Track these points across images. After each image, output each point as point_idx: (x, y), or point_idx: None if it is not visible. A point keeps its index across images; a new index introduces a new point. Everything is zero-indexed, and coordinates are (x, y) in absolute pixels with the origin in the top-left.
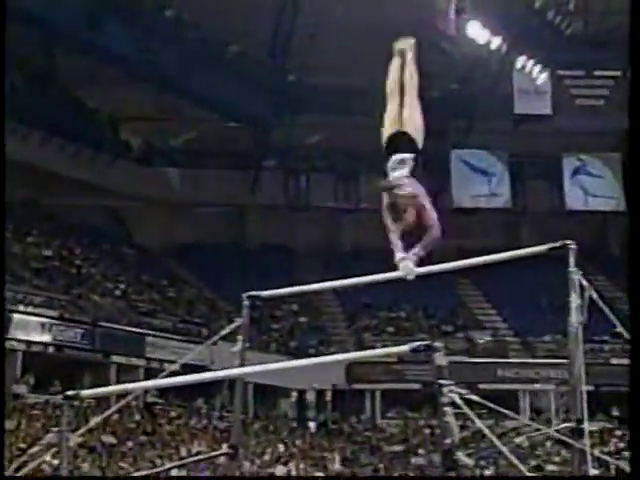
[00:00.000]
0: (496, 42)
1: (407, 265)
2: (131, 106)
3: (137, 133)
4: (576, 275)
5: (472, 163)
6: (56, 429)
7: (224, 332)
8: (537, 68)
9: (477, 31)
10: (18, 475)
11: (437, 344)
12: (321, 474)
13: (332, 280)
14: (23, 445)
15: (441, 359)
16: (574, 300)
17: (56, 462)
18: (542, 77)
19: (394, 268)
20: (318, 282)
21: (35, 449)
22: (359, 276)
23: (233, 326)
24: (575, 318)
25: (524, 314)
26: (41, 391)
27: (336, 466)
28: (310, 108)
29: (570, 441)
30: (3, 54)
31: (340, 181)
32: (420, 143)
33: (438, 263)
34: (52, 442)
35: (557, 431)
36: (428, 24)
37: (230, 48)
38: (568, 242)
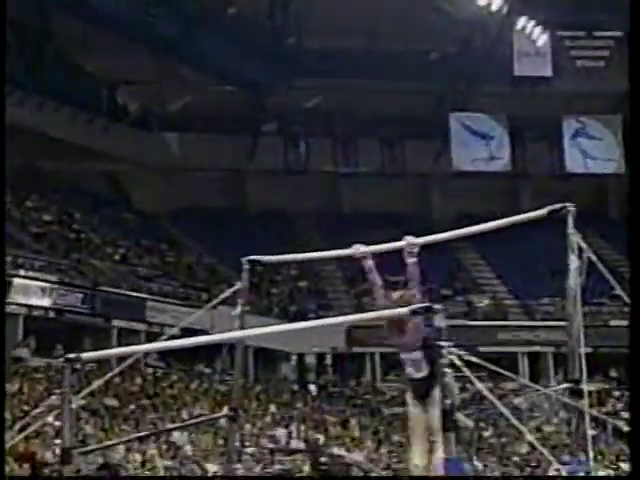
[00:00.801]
0: (496, 3)
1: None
2: (128, 70)
3: (134, 97)
4: (575, 237)
5: (471, 126)
6: (58, 391)
7: (223, 296)
8: (537, 29)
9: None
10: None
11: (436, 306)
12: (321, 436)
13: (332, 244)
14: (26, 407)
15: (441, 321)
16: (573, 262)
17: (58, 424)
18: (542, 38)
19: (389, 231)
20: (318, 247)
21: (38, 411)
22: (359, 240)
23: (233, 290)
24: (573, 280)
25: (523, 277)
26: (43, 355)
27: (336, 428)
28: (309, 71)
29: (569, 401)
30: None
31: (339, 145)
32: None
33: (438, 227)
34: (54, 404)
35: (556, 392)
36: None
37: (228, 11)
38: (567, 205)
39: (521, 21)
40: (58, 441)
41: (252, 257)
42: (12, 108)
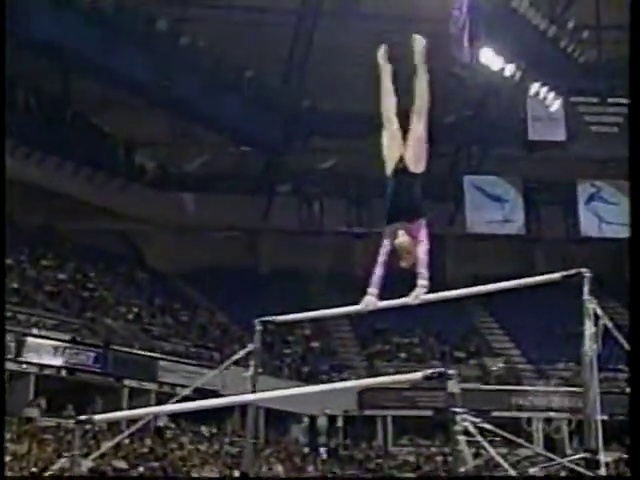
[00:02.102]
0: (510, 69)
1: (370, 299)
2: (145, 131)
3: (151, 157)
4: (591, 304)
5: (486, 189)
6: (68, 454)
7: (236, 357)
8: (551, 95)
9: (491, 58)
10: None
11: (450, 371)
12: None
13: (345, 304)
14: (35, 469)
15: (454, 386)
16: (588, 328)
17: None
18: (556, 104)
19: (406, 293)
20: (331, 306)
21: (47, 474)
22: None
23: (245, 351)
24: (589, 346)
25: (538, 341)
26: (53, 415)
27: None
28: (323, 133)
29: (585, 472)
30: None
31: (353, 206)
32: (420, 169)
33: (452, 289)
34: (64, 467)
35: (572, 462)
36: (442, 51)
37: (244, 73)
38: (583, 270)
39: (534, 86)
40: None
41: (264, 317)
42: (31, 168)
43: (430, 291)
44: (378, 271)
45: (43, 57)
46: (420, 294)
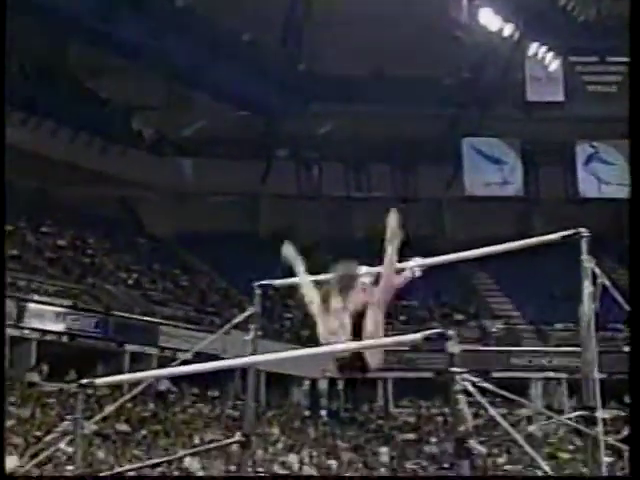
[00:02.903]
0: (508, 29)
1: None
2: (143, 96)
3: (149, 123)
4: (589, 263)
5: (484, 151)
6: (71, 417)
7: (236, 321)
8: (549, 55)
9: (489, 18)
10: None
11: (450, 332)
12: (334, 462)
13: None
14: (38, 433)
15: (454, 347)
16: (587, 288)
17: (71, 450)
18: (554, 64)
19: (407, 257)
20: (330, 271)
21: (50, 437)
22: (372, 264)
23: (245, 315)
24: (587, 306)
25: (537, 302)
26: (55, 380)
27: (348, 455)
28: (321, 97)
29: (583, 429)
30: (3, 52)
31: (351, 170)
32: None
33: (450, 252)
34: (67, 430)
35: (570, 419)
36: (441, 12)
37: (242, 37)
38: (581, 230)
39: (533, 47)
40: (70, 467)
41: (263, 281)
42: (27, 134)
43: (429, 254)
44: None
45: (38, 21)
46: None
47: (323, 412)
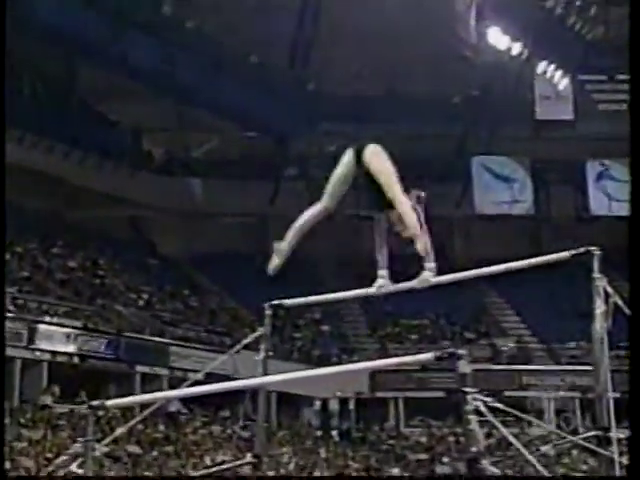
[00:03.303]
0: (517, 48)
1: (382, 282)
2: (152, 117)
3: (158, 144)
4: (601, 281)
5: (494, 170)
6: (82, 439)
7: (246, 341)
8: (558, 73)
9: (498, 37)
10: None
11: (461, 351)
12: None
13: (354, 288)
14: (49, 455)
15: (465, 366)
16: (599, 306)
17: (82, 472)
18: (563, 82)
19: (414, 276)
20: (339, 290)
21: (61, 459)
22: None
23: (255, 335)
24: (600, 324)
25: (548, 320)
26: (67, 401)
27: (360, 474)
28: (329, 117)
29: (597, 449)
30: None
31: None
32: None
33: (461, 270)
34: (78, 452)
35: (584, 439)
36: (449, 31)
37: (250, 58)
38: (592, 248)
39: (542, 65)
40: None
41: (274, 301)
42: (39, 156)
43: (440, 273)
44: (383, 252)
45: (48, 44)
46: (428, 277)
47: (334, 432)
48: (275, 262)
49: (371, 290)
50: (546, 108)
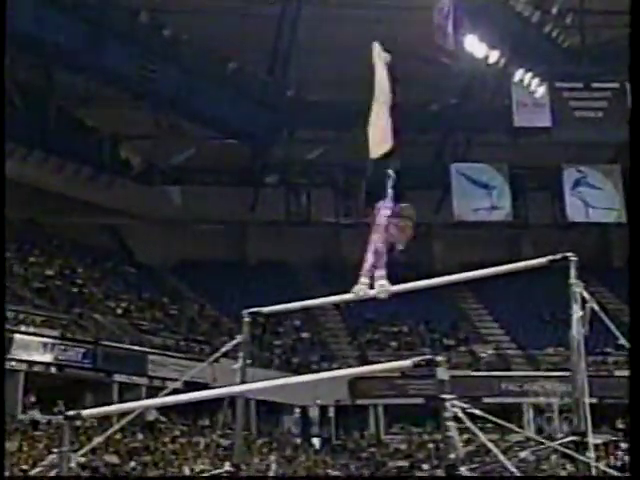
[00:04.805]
0: (494, 56)
1: (361, 287)
2: (130, 125)
3: (137, 152)
4: (577, 287)
5: (472, 176)
6: (58, 450)
7: (225, 349)
8: (535, 81)
9: (475, 45)
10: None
11: (439, 358)
12: None
13: (334, 295)
14: (25, 467)
15: (443, 373)
16: (576, 312)
17: None
18: (540, 90)
19: (392, 281)
20: (319, 297)
21: (36, 470)
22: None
23: (234, 343)
24: (577, 330)
25: (527, 327)
26: (43, 411)
27: None
28: (309, 123)
29: (575, 455)
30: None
31: (340, 196)
32: (374, 155)
33: (439, 276)
34: (54, 463)
35: (562, 445)
36: (426, 40)
37: (228, 65)
38: (569, 254)
39: (519, 73)
40: None
41: (252, 309)
42: (15, 164)
43: (418, 279)
44: (368, 257)
45: (26, 51)
46: (380, 288)
47: (315, 440)
48: None
49: (348, 296)
50: (523, 115)
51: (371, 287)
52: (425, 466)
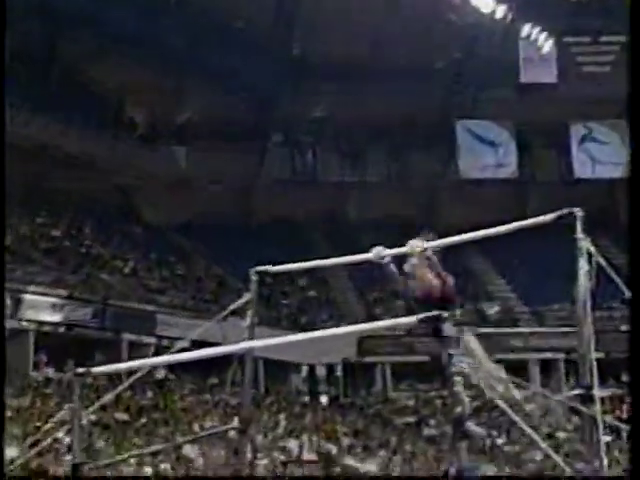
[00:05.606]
0: (501, 10)
1: (379, 248)
2: (135, 84)
3: (141, 111)
4: (584, 242)
5: (478, 134)
6: (68, 406)
7: (232, 307)
8: (542, 36)
9: (481, 0)
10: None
11: (444, 314)
12: (333, 447)
13: (339, 253)
14: (38, 423)
15: (450, 329)
16: (582, 266)
17: (69, 439)
18: (547, 45)
19: (399, 240)
20: (326, 256)
21: (48, 426)
22: (364, 249)
23: (241, 301)
24: (583, 285)
25: (533, 283)
26: (54, 370)
27: (348, 439)
28: (315, 79)
29: (581, 407)
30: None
31: (346, 154)
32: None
33: (446, 235)
34: (64, 419)
35: (567, 398)
36: None
37: (235, 22)
38: (575, 209)
39: (526, 28)
40: (69, 457)
41: (260, 267)
42: (20, 125)
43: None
44: None
45: (29, 10)
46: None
47: (322, 397)
48: None
49: (369, 255)
50: (530, 71)
51: None
52: (432, 422)
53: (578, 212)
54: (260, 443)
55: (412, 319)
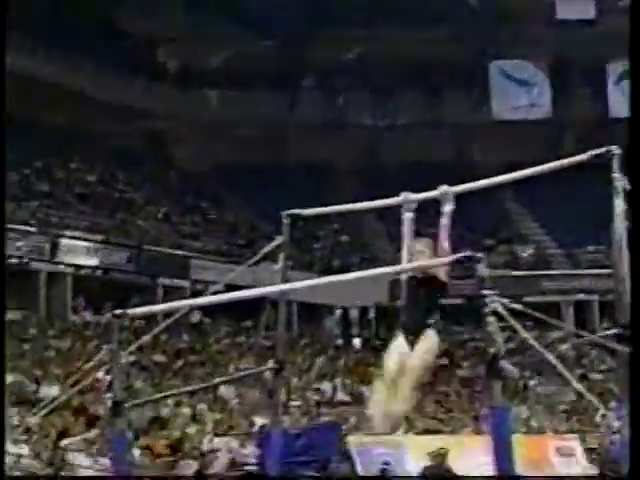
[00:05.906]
0: None
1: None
2: (167, 28)
3: (174, 55)
4: (620, 181)
5: (512, 74)
6: (107, 347)
7: (265, 250)
8: None
9: None
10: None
11: (479, 255)
12: (366, 389)
13: (372, 196)
14: (78, 364)
15: (483, 270)
16: (618, 206)
17: (109, 377)
18: None
19: (431, 183)
20: (358, 200)
21: (88, 366)
22: (398, 192)
23: (274, 244)
24: (619, 224)
25: (567, 225)
26: (92, 313)
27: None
28: (345, 22)
29: (616, 346)
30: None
31: (378, 97)
32: None
33: (480, 178)
34: (104, 359)
35: (603, 338)
36: None
37: None
38: (611, 148)
39: None
40: (109, 395)
41: (292, 211)
42: (53, 70)
43: (459, 181)
44: None
45: None
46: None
47: (355, 340)
48: None
49: (398, 199)
50: (567, 7)
51: None
52: (465, 363)
53: (615, 150)
54: (295, 384)
55: (445, 259)
